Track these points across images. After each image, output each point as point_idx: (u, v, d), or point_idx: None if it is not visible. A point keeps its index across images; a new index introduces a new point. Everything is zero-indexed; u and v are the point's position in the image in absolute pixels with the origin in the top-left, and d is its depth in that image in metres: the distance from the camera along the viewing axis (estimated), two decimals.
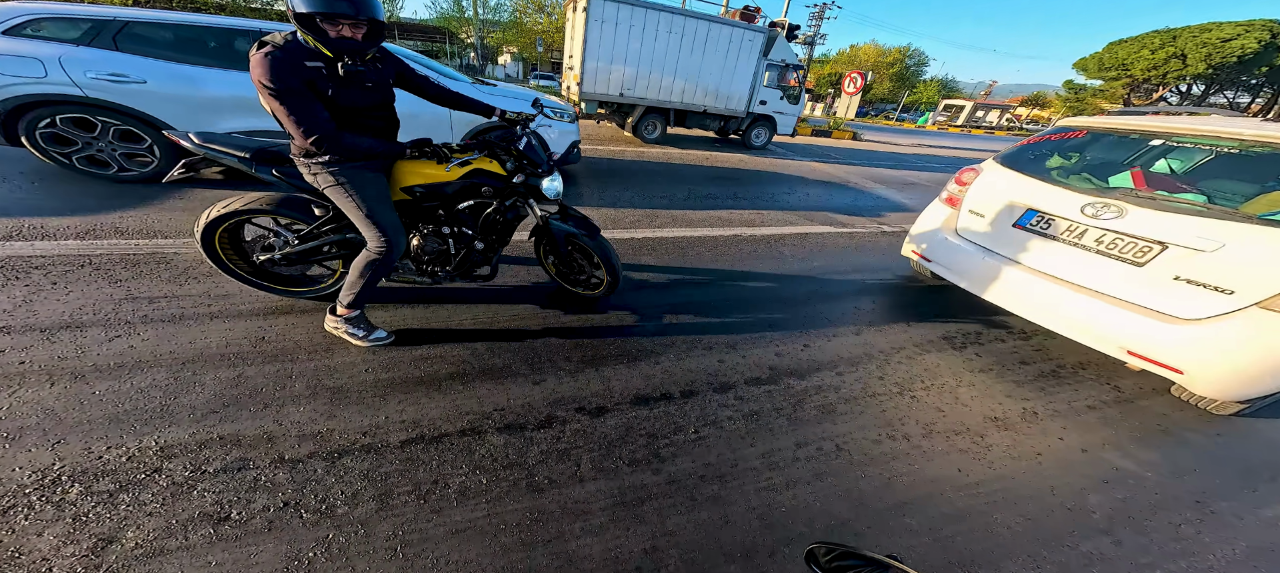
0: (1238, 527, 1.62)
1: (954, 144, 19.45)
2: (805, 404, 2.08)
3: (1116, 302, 2.22)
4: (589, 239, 2.33)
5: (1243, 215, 2.01)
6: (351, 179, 1.74)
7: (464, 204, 2.11)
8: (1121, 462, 1.92)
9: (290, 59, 1.41)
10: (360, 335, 2.07)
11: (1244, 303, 1.91)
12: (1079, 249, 2.37)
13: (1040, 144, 2.97)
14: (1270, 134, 2.15)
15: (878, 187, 7.59)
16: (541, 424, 1.82)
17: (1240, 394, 2.06)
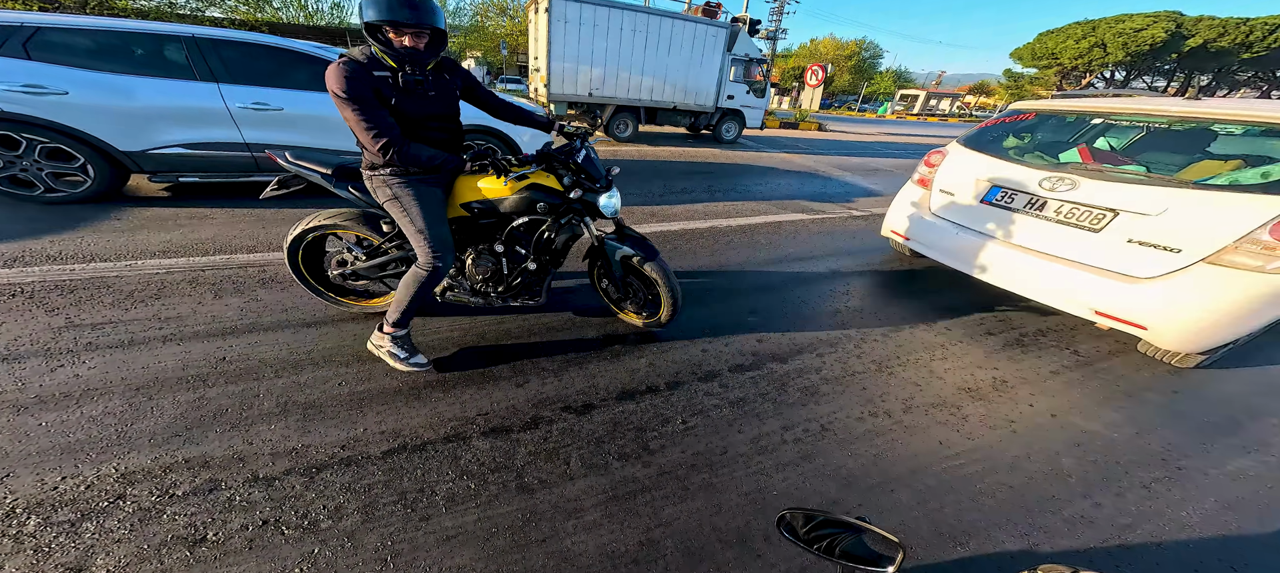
0: (1204, 483, 1.71)
1: (912, 132, 20.14)
2: (789, 387, 2.10)
3: (1080, 266, 2.37)
4: (647, 260, 2.12)
5: (1180, 182, 2.22)
6: (409, 191, 1.75)
7: (519, 222, 2.01)
8: (1088, 424, 2.01)
9: (362, 70, 1.50)
10: (401, 357, 1.96)
11: (1191, 260, 2.07)
12: (1041, 220, 2.54)
13: (997, 126, 3.19)
14: (1193, 110, 2.39)
15: (845, 174, 7.78)
16: (527, 426, 1.78)
17: (1198, 346, 2.22)
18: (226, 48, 3.59)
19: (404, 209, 1.77)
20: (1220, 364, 2.52)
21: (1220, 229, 2.03)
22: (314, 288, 2.27)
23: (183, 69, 3.48)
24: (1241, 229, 1.98)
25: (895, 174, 8.12)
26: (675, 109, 10.43)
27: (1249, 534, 1.48)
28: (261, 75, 3.68)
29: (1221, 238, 2.02)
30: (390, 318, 1.93)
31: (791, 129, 16.23)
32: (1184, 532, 1.48)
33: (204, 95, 3.52)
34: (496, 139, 4.58)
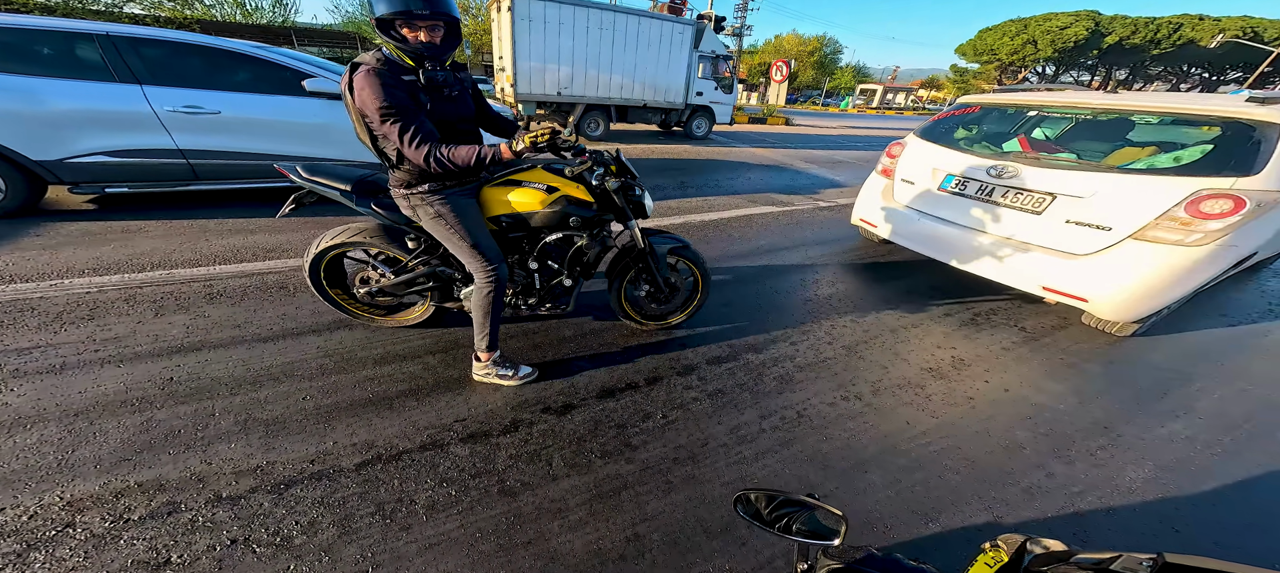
0: (1142, 447, 1.86)
1: (872, 125, 20.88)
2: (765, 376, 2.16)
3: (1026, 246, 2.60)
4: (686, 251, 2.21)
5: (1106, 167, 2.46)
6: (454, 208, 1.65)
7: (552, 238, 1.94)
8: (1037, 397, 2.15)
9: (393, 75, 1.37)
10: (509, 374, 1.95)
11: (1121, 237, 2.31)
12: (991, 204, 2.76)
13: (947, 119, 3.43)
14: (1112, 103, 2.66)
15: (812, 167, 8.00)
16: (507, 429, 1.76)
17: (1133, 314, 2.45)
18: (148, 46, 3.29)
19: (451, 228, 1.67)
20: (1151, 332, 2.76)
21: (1143, 208, 2.25)
22: (338, 304, 2.17)
23: (98, 69, 3.18)
24: (1161, 207, 2.20)
25: (858, 166, 8.41)
26: (646, 106, 10.42)
27: (1184, 495, 1.63)
28: (192, 76, 3.40)
29: (1145, 216, 2.24)
30: (483, 345, 1.88)
31: (760, 124, 16.53)
32: (1128, 496, 1.62)
33: (125, 98, 3.22)
34: None
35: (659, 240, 2.16)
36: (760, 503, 0.65)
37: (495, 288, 1.77)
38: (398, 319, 2.28)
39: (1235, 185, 2.12)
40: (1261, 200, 2.10)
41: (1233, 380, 2.34)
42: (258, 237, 3.30)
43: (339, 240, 1.94)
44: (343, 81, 1.42)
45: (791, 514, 0.63)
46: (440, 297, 2.12)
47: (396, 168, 1.58)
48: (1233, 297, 3.32)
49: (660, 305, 2.35)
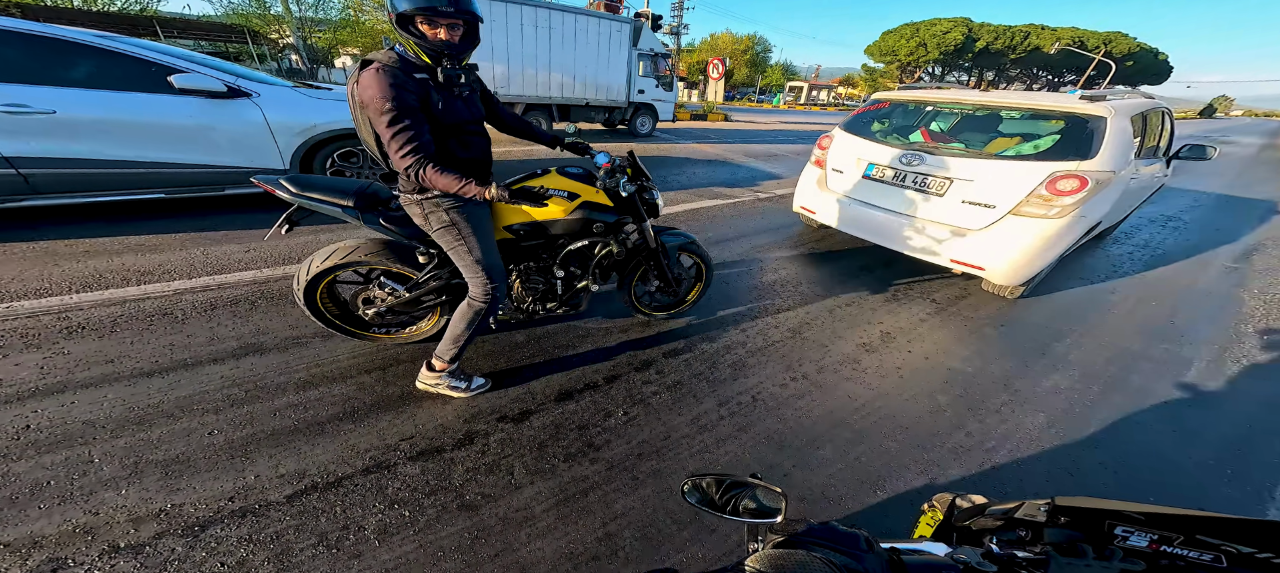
0: (1034, 400, 2.15)
1: (801, 120, 22.19)
2: (720, 364, 2.22)
3: (935, 224, 2.97)
4: (692, 247, 2.30)
5: (986, 154, 2.90)
6: (468, 217, 1.58)
7: (578, 246, 1.92)
8: (951, 362, 2.42)
9: (405, 74, 1.30)
10: (463, 387, 1.85)
11: (1002, 213, 2.73)
12: (904, 189, 3.12)
13: (865, 114, 3.80)
14: (985, 100, 3.19)
15: (751, 160, 8.33)
16: (461, 443, 1.66)
17: (1018, 278, 2.86)
18: None
19: (460, 237, 1.58)
20: (1032, 294, 3.21)
21: (1016, 188, 2.69)
22: (340, 328, 1.98)
23: None
24: (1028, 187, 2.65)
25: (792, 159, 8.88)
26: (588, 105, 10.26)
27: (1072, 440, 1.91)
28: (13, 69, 2.78)
29: (1018, 194, 2.68)
30: (444, 354, 1.76)
31: (701, 121, 16.94)
32: (1031, 446, 1.86)
33: None
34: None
35: (670, 237, 2.22)
36: (711, 489, 0.67)
37: (489, 307, 1.69)
38: (405, 336, 2.12)
39: (1079, 167, 2.59)
40: (1099, 178, 2.59)
41: (1092, 334, 2.78)
42: (125, 257, 2.79)
43: (333, 261, 1.74)
44: (350, 80, 1.34)
45: (737, 495, 0.66)
46: (451, 310, 1.94)
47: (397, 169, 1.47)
48: (1085, 262, 3.94)
49: (666, 297, 2.47)
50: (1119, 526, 0.48)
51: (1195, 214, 5.88)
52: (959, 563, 0.48)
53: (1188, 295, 3.39)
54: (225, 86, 3.16)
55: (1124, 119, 2.76)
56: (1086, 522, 0.50)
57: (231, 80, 3.22)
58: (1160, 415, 2.07)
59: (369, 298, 1.92)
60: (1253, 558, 0.44)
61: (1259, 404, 2.16)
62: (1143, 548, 0.47)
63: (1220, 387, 2.30)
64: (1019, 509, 0.56)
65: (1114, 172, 2.66)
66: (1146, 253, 4.28)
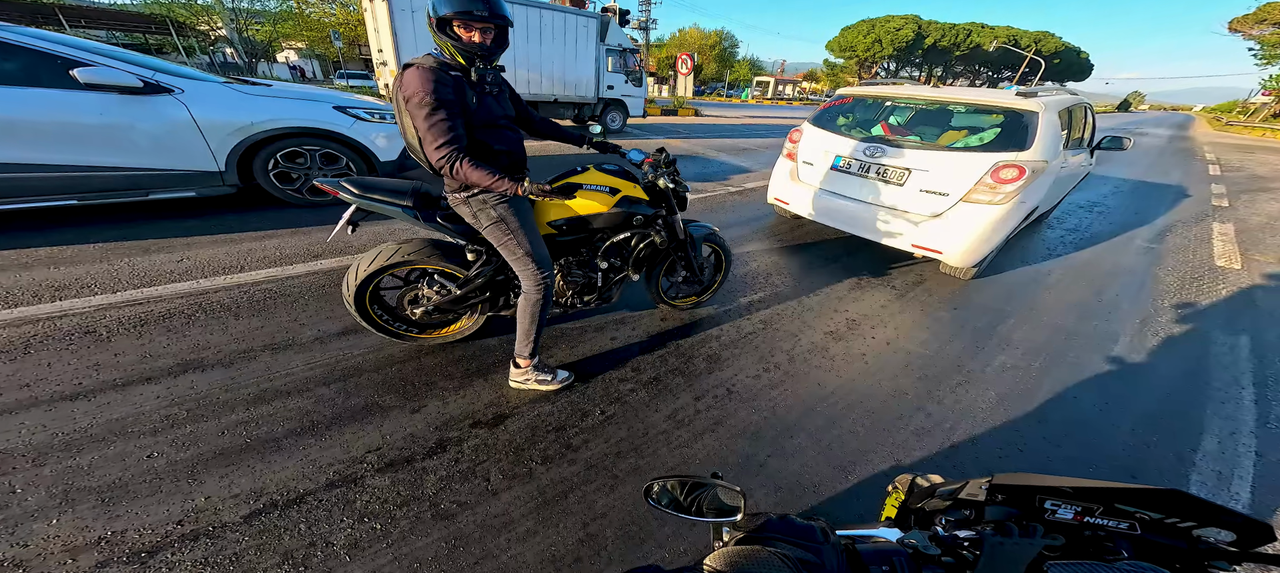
0: (985, 380, 2.29)
1: (769, 114, 22.60)
2: (695, 359, 2.24)
3: (898, 212, 3.19)
4: (714, 238, 2.39)
5: (939, 146, 3.16)
6: (515, 211, 1.65)
7: (619, 238, 1.98)
8: (911, 346, 2.54)
9: (444, 71, 1.41)
10: (549, 379, 1.90)
11: (955, 200, 2.98)
12: (869, 180, 3.33)
13: (831, 108, 3.98)
14: (936, 95, 3.45)
15: (721, 155, 8.41)
16: (433, 451, 1.60)
17: (970, 260, 3.09)
18: None
19: (510, 232, 1.65)
20: (982, 275, 3.44)
21: (966, 177, 2.93)
22: (384, 329, 1.99)
23: None
24: (976, 176, 2.91)
25: (761, 152, 9.03)
26: (557, 102, 10.01)
27: (1020, 415, 2.05)
28: None
29: (967, 183, 2.93)
30: (523, 351, 1.84)
31: (672, 116, 16.92)
32: (984, 424, 1.99)
33: None
34: (339, 144, 3.71)
35: (695, 228, 2.30)
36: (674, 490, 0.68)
37: (545, 295, 1.74)
38: (443, 335, 2.13)
39: (1018, 157, 2.87)
40: (1035, 168, 2.87)
41: (1032, 313, 2.99)
42: (36, 272, 2.51)
43: (381, 263, 1.75)
44: (393, 82, 1.45)
45: (699, 496, 0.67)
46: (492, 306, 2.02)
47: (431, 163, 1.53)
48: (1025, 245, 4.24)
49: (689, 287, 2.54)
50: (1048, 500, 0.52)
51: (1116, 199, 6.42)
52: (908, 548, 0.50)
53: (1112, 275, 3.70)
54: (141, 81, 2.87)
55: (1053, 113, 3.05)
56: (1020, 498, 0.54)
57: (148, 75, 2.93)
58: (1092, 389, 2.25)
59: (417, 297, 1.94)
60: (1161, 523, 0.49)
61: (1176, 375, 2.40)
62: (1069, 520, 0.51)
63: (1142, 359, 2.53)
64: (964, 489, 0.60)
65: (1046, 161, 2.94)
66: (1076, 236, 4.65)
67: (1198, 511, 0.47)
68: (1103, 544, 0.50)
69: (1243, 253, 4.37)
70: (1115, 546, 0.50)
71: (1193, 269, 3.90)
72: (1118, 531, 0.50)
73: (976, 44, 44.50)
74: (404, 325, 2.04)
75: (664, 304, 2.58)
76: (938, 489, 0.66)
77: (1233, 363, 2.52)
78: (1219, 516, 0.46)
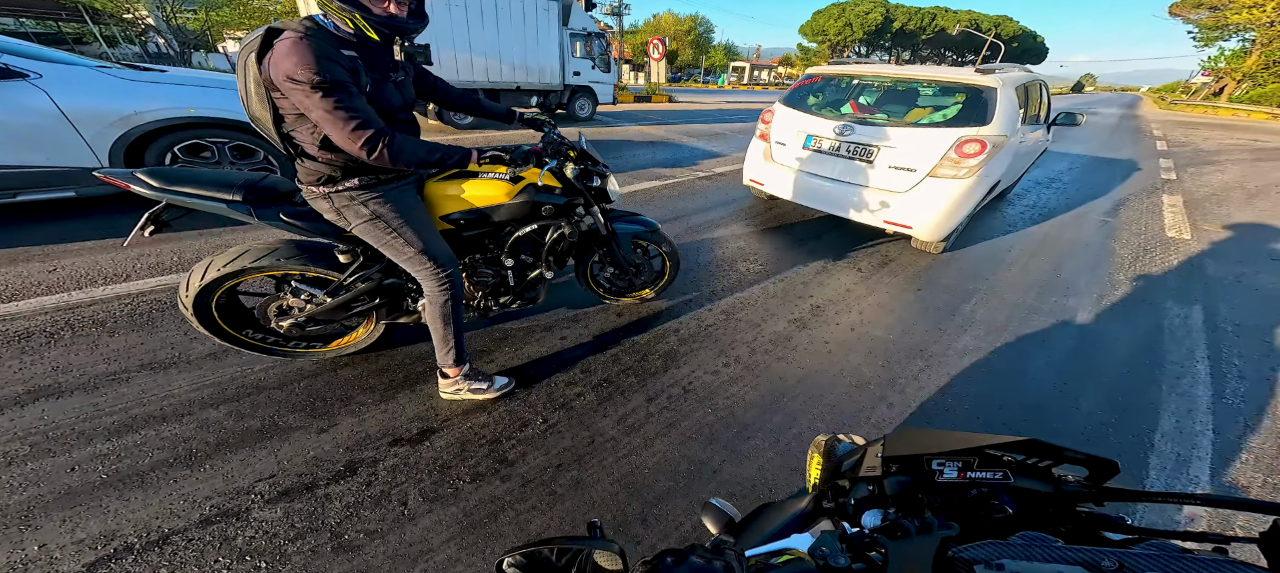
0: (946, 363, 2.21)
1: (745, 99, 22.47)
2: (650, 356, 2.09)
3: (870, 189, 3.19)
4: (652, 231, 2.17)
5: (906, 122, 3.17)
6: (396, 207, 1.42)
7: (526, 231, 1.75)
8: (875, 331, 2.45)
9: (331, 46, 1.12)
10: (484, 387, 1.72)
11: (922, 176, 3.00)
12: (840, 158, 3.32)
13: (801, 88, 3.94)
14: (903, 73, 3.44)
15: (692, 140, 8.23)
16: (339, 475, 1.40)
17: (939, 234, 3.11)
18: None
19: (391, 230, 1.41)
20: (948, 252, 3.43)
21: (931, 153, 2.96)
22: (249, 344, 1.70)
23: None
24: (940, 151, 2.93)
25: (734, 137, 8.89)
26: (519, 89, 9.54)
27: (981, 401, 1.97)
28: None
29: (933, 158, 2.95)
30: (448, 361, 1.64)
31: (645, 103, 16.58)
32: (948, 411, 1.91)
33: None
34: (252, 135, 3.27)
35: (626, 225, 2.10)
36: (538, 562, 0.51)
37: (452, 295, 1.55)
38: (338, 346, 1.86)
39: (979, 132, 2.90)
40: (995, 142, 2.89)
41: (994, 292, 2.95)
42: None
43: (232, 267, 1.46)
44: (247, 49, 1.12)
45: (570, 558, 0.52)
46: (389, 312, 1.74)
47: (307, 159, 1.28)
48: (987, 221, 4.24)
49: (625, 285, 2.38)
50: (934, 460, 0.54)
51: (1073, 175, 6.56)
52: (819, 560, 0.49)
53: (1070, 249, 3.72)
54: None
55: (1010, 89, 3.09)
56: (912, 466, 0.56)
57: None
58: (1052, 369, 2.20)
59: (285, 307, 1.66)
60: (1025, 465, 0.54)
61: (1133, 350, 2.38)
62: (954, 478, 0.54)
63: (1100, 335, 2.51)
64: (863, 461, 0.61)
65: (1006, 135, 2.96)
66: (1035, 211, 4.69)
67: (1053, 453, 0.52)
68: (988, 502, 0.53)
69: (1192, 223, 4.49)
70: (999, 501, 0.53)
71: (1145, 241, 3.97)
72: (995, 481, 0.53)
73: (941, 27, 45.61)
74: (278, 340, 1.74)
75: (600, 297, 2.43)
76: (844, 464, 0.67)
77: (1186, 336, 2.53)
78: (1071, 456, 0.52)
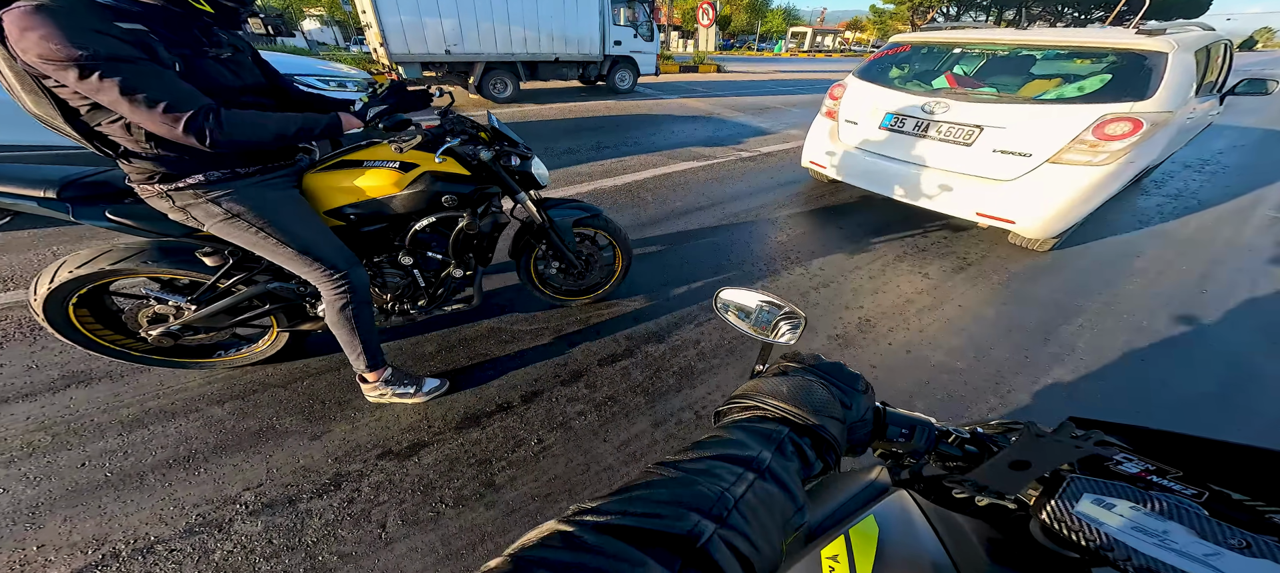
0: (1019, 402, 1.84)
1: (804, 68, 21.01)
2: (664, 372, 1.91)
3: (961, 175, 2.79)
4: (596, 220, 1.98)
5: (1022, 98, 2.67)
6: (256, 206, 1.22)
7: (424, 224, 1.57)
8: (937, 356, 2.07)
9: (90, 11, 0.88)
10: (411, 392, 1.64)
11: (1039, 161, 2.53)
12: (927, 140, 2.91)
13: (882, 59, 3.49)
14: (1022, 38, 2.89)
15: (738, 115, 7.76)
16: (324, 489, 1.39)
17: (1052, 231, 2.68)
18: None
19: (258, 230, 1.23)
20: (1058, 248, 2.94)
21: (1056, 135, 2.47)
22: (128, 355, 1.57)
23: None
24: (1072, 132, 2.44)
25: (785, 111, 8.28)
26: (558, 61, 9.50)
27: None
28: None
29: (1059, 141, 2.47)
30: (362, 366, 1.54)
31: (691, 73, 15.99)
32: None
33: None
34: None
35: (564, 211, 1.91)
36: (743, 303, 0.73)
37: (352, 298, 1.40)
38: (239, 358, 1.75)
39: (1134, 109, 2.36)
40: (1156, 120, 2.37)
41: (1109, 311, 2.40)
42: None
43: (88, 269, 1.34)
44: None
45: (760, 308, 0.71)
46: (289, 319, 1.65)
47: (131, 156, 1.08)
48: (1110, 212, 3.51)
49: (576, 280, 2.16)
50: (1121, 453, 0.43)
51: (1235, 156, 5.30)
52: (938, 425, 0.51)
53: (1226, 257, 2.97)
54: None
55: (1187, 54, 2.49)
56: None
57: None
58: (1188, 429, 1.73)
59: (157, 315, 1.51)
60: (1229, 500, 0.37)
61: None
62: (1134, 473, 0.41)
63: (1268, 383, 1.94)
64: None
65: (1171, 111, 2.40)
66: (1178, 202, 3.84)
67: None
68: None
69: None
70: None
71: None
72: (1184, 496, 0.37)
73: None
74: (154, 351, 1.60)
75: (546, 297, 2.18)
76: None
77: None
78: None
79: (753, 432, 0.38)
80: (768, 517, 0.31)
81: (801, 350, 0.54)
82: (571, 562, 0.24)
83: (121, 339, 1.56)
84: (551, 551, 0.25)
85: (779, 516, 0.32)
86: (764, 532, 0.30)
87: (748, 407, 0.43)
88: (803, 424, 0.40)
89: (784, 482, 0.34)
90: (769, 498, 0.32)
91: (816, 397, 0.43)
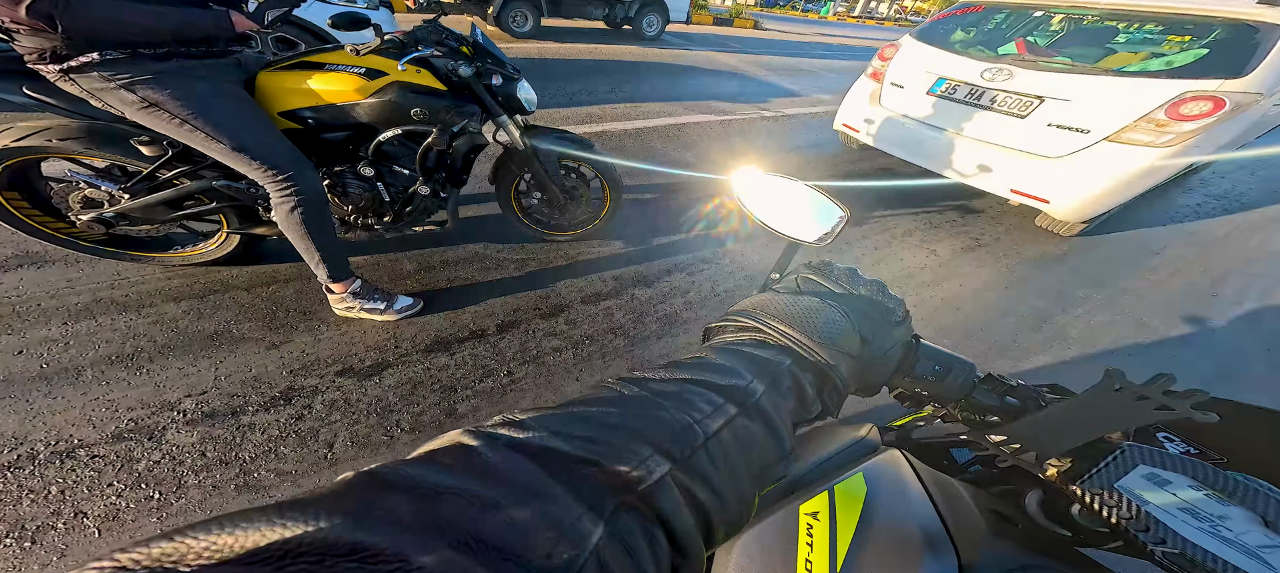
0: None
1: (850, 33, 19.62)
2: (647, 318, 1.77)
3: (1005, 149, 2.58)
4: (586, 151, 1.79)
5: (1097, 70, 2.42)
6: (178, 94, 1.10)
7: (389, 135, 1.44)
8: (926, 333, 1.92)
9: None
10: (380, 307, 1.55)
11: (1097, 138, 2.31)
12: (978, 108, 2.68)
13: (948, 19, 3.24)
14: (1125, 6, 2.57)
15: (768, 74, 7.28)
16: (273, 402, 1.30)
17: (1085, 215, 2.50)
18: None
19: (179, 120, 1.12)
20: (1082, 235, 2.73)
21: (1125, 110, 2.23)
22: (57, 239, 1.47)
23: None
24: (1143, 109, 2.19)
25: (820, 75, 7.75)
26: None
27: None
28: None
29: (1125, 118, 2.22)
30: (322, 276, 1.45)
31: (725, 26, 15.03)
32: None
33: None
34: None
35: (551, 140, 1.73)
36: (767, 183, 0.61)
37: (301, 202, 1.29)
38: (183, 255, 1.64)
39: (1221, 87, 2.08)
40: (1240, 101, 2.08)
41: (1110, 303, 2.22)
42: None
43: (10, 142, 1.22)
44: None
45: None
46: (240, 220, 1.54)
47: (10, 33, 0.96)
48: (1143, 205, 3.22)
49: (559, 214, 1.98)
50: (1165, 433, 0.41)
51: None
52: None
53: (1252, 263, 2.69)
54: None
55: None
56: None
57: None
58: None
59: (89, 198, 1.39)
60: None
61: None
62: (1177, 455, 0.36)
63: (1241, 392, 1.75)
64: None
65: (1260, 94, 2.11)
66: (1220, 202, 3.49)
67: None
68: None
69: None
70: None
71: None
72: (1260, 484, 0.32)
73: None
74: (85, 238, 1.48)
75: (527, 228, 2.02)
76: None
77: None
78: None
79: (746, 357, 0.32)
80: (743, 462, 0.26)
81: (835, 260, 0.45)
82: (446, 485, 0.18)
83: (58, 225, 1.45)
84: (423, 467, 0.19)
85: (758, 462, 0.27)
86: (733, 479, 0.25)
87: (745, 326, 0.37)
88: (808, 358, 0.34)
89: (773, 423, 0.29)
90: (750, 439, 0.27)
91: (832, 324, 0.36)
